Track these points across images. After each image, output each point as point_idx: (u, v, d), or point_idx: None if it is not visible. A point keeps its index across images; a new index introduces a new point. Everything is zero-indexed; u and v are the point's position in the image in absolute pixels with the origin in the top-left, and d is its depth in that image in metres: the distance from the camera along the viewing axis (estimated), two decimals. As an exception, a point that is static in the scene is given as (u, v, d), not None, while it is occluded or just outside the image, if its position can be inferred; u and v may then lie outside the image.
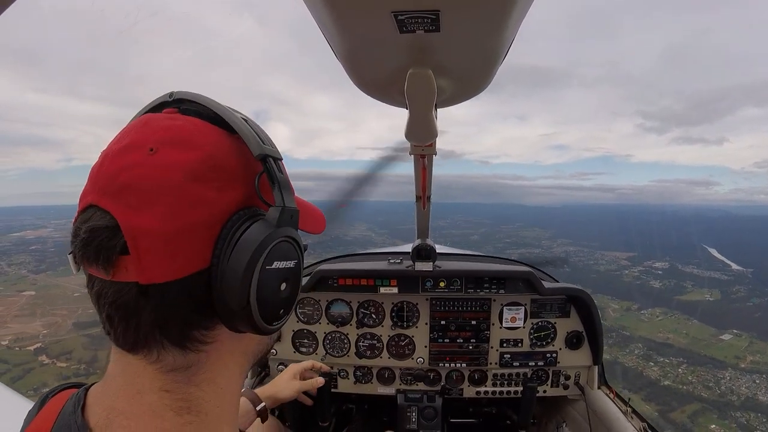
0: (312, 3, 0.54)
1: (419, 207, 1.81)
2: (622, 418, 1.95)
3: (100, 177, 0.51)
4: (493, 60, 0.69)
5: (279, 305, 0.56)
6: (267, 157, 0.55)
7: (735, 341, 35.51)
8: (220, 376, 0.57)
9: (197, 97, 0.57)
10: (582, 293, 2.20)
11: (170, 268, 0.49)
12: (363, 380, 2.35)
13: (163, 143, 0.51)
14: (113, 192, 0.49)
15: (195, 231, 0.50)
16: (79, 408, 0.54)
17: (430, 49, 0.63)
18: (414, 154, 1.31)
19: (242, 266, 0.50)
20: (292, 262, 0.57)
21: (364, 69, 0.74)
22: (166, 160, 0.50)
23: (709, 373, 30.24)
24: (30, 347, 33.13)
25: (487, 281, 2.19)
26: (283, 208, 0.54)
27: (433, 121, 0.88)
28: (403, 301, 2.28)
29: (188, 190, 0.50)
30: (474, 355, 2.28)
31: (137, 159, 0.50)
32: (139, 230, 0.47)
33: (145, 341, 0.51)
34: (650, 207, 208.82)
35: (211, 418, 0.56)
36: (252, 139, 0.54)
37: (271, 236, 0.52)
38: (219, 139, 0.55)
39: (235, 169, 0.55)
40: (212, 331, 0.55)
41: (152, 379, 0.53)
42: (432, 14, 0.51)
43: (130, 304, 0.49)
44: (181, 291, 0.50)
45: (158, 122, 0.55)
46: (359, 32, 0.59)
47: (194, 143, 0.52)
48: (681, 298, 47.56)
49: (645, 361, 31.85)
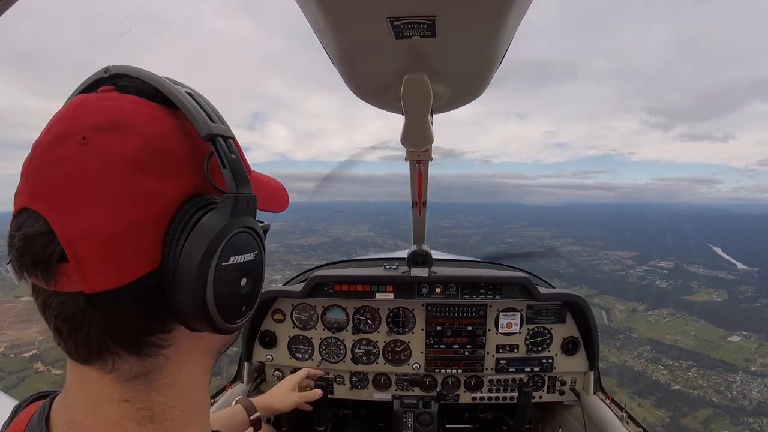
0: (308, 8, 0.54)
1: (415, 213, 1.81)
2: (618, 423, 1.96)
3: (30, 174, 0.47)
4: (489, 65, 0.69)
5: (240, 302, 0.52)
6: (216, 136, 0.49)
7: (744, 343, 34.94)
8: (181, 379, 0.54)
9: (135, 71, 0.50)
10: (578, 299, 2.21)
11: (116, 273, 0.44)
12: (359, 386, 2.36)
13: (96, 129, 0.46)
14: (45, 192, 0.45)
15: (139, 229, 0.45)
16: (44, 420, 0.53)
17: (425, 54, 0.64)
18: (410, 159, 1.31)
19: (195, 265, 0.45)
20: (252, 254, 0.52)
21: (360, 74, 0.74)
22: (100, 150, 0.45)
23: (720, 377, 29.61)
24: (25, 354, 32.58)
25: (483, 287, 2.19)
26: (237, 196, 0.49)
27: (429, 126, 0.88)
28: (399, 307, 2.30)
29: (128, 183, 0.45)
30: (470, 361, 2.29)
31: (68, 151, 0.45)
32: (76, 235, 0.43)
33: (98, 352, 0.48)
34: (652, 206, 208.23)
35: (176, 424, 0.54)
36: (198, 117, 0.48)
37: (226, 229, 0.47)
38: (160, 119, 0.49)
39: (181, 154, 0.49)
40: (170, 334, 0.51)
41: (111, 389, 0.50)
42: (428, 20, 0.51)
43: (77, 315, 0.45)
44: (131, 296, 0.46)
45: (90, 104, 0.49)
46: (355, 37, 0.59)
47: (131, 127, 0.47)
48: (688, 298, 46.82)
49: (654, 364, 31.21)
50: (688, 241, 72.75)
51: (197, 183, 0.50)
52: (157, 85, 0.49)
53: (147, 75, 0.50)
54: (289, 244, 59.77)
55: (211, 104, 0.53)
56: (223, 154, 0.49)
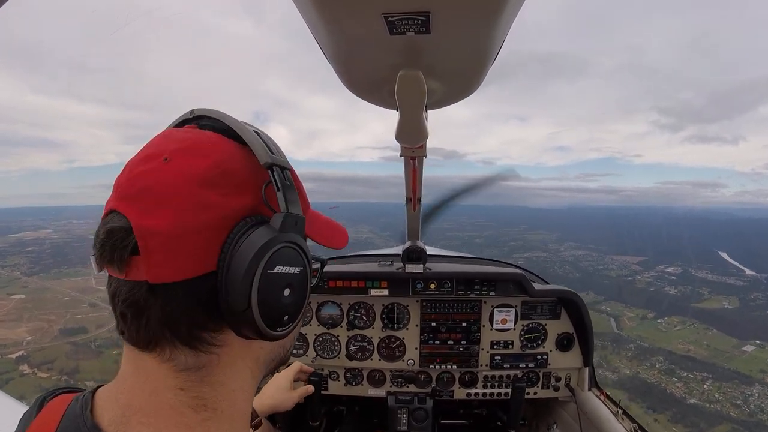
0: (302, 4, 0.55)
1: (409, 209, 1.84)
2: (613, 419, 1.98)
3: (121, 184, 0.56)
4: (484, 61, 0.70)
5: (282, 311, 0.58)
6: (273, 165, 0.57)
7: (758, 353, 33.93)
8: (231, 380, 0.60)
9: (214, 113, 0.61)
10: (572, 295, 2.23)
11: (177, 269, 0.52)
12: (353, 382, 2.39)
13: (177, 152, 0.55)
14: (130, 197, 0.53)
15: (201, 234, 0.53)
16: (88, 410, 0.56)
17: (420, 50, 0.65)
18: (404, 156, 1.33)
19: (243, 268, 0.52)
20: (296, 268, 0.58)
21: (354, 70, 0.76)
22: (178, 167, 0.54)
23: (736, 390, 28.51)
24: (12, 355, 31.25)
25: (478, 283, 2.21)
26: (286, 214, 0.56)
27: (423, 122, 0.90)
28: (394, 303, 2.32)
29: (196, 194, 0.53)
30: (464, 357, 2.31)
31: (153, 167, 0.54)
32: (149, 231, 0.51)
33: (156, 340, 0.54)
34: (655, 209, 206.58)
35: (226, 416, 0.59)
36: (260, 148, 0.57)
37: (273, 240, 0.54)
38: (229, 148, 0.58)
39: (243, 177, 0.58)
40: (221, 335, 0.57)
41: (166, 377, 0.55)
42: (422, 16, 0.52)
43: (140, 302, 0.52)
44: (188, 292, 0.53)
45: (175, 135, 0.59)
46: (349, 34, 0.61)
47: (205, 152, 0.56)
48: (698, 305, 45.56)
49: (668, 376, 30.08)
50: (694, 246, 71.36)
51: (255, 204, 0.58)
52: (230, 123, 0.59)
53: (222, 116, 0.60)
54: (289, 245, 58.33)
55: (274, 141, 0.61)
56: (278, 179, 0.57)
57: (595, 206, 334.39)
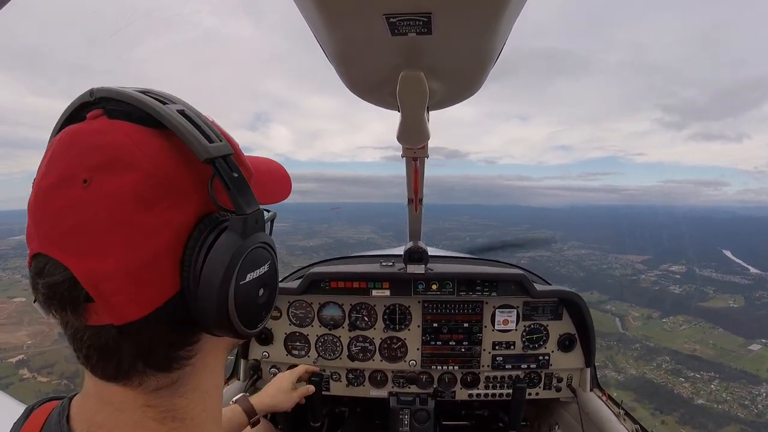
0: (303, 5, 0.55)
1: (411, 210, 1.85)
2: (615, 420, 1.98)
3: (38, 221, 0.48)
4: (486, 62, 0.70)
5: (259, 310, 0.56)
6: (215, 159, 0.49)
7: (765, 352, 33.78)
8: (204, 381, 0.57)
9: (121, 93, 0.49)
10: (574, 296, 2.24)
11: (142, 304, 0.47)
12: (355, 383, 2.40)
13: (96, 169, 0.46)
14: (59, 239, 0.46)
15: (157, 260, 0.47)
16: (64, 418, 0.55)
17: (421, 51, 0.65)
18: (406, 156, 1.33)
19: (215, 289, 0.48)
20: (266, 265, 0.55)
21: (356, 71, 0.75)
22: (104, 191, 0.45)
23: (744, 389, 28.16)
24: (12, 359, 30.98)
25: (480, 284, 2.21)
26: (246, 218, 0.50)
27: (425, 123, 0.89)
28: (396, 304, 2.33)
29: (139, 220, 0.46)
30: (466, 358, 2.31)
31: (73, 195, 0.46)
32: (98, 276, 0.45)
33: (126, 373, 0.50)
34: (657, 208, 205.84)
35: (196, 422, 0.56)
36: (194, 140, 0.48)
37: (240, 251, 0.50)
38: (156, 146, 0.49)
39: (183, 179, 0.50)
40: (197, 344, 0.54)
41: (134, 399, 0.52)
42: (424, 17, 0.52)
43: (110, 344, 0.48)
44: (159, 320, 0.48)
45: (85, 141, 0.48)
46: (351, 34, 0.60)
47: (129, 162, 0.47)
48: (703, 304, 45.08)
49: (674, 376, 29.72)
50: (697, 245, 70.82)
51: (203, 203, 0.51)
52: (147, 108, 0.48)
53: (134, 97, 0.49)
54: (291, 246, 58.42)
55: (204, 118, 0.52)
56: (225, 175, 0.49)
57: (598, 205, 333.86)
